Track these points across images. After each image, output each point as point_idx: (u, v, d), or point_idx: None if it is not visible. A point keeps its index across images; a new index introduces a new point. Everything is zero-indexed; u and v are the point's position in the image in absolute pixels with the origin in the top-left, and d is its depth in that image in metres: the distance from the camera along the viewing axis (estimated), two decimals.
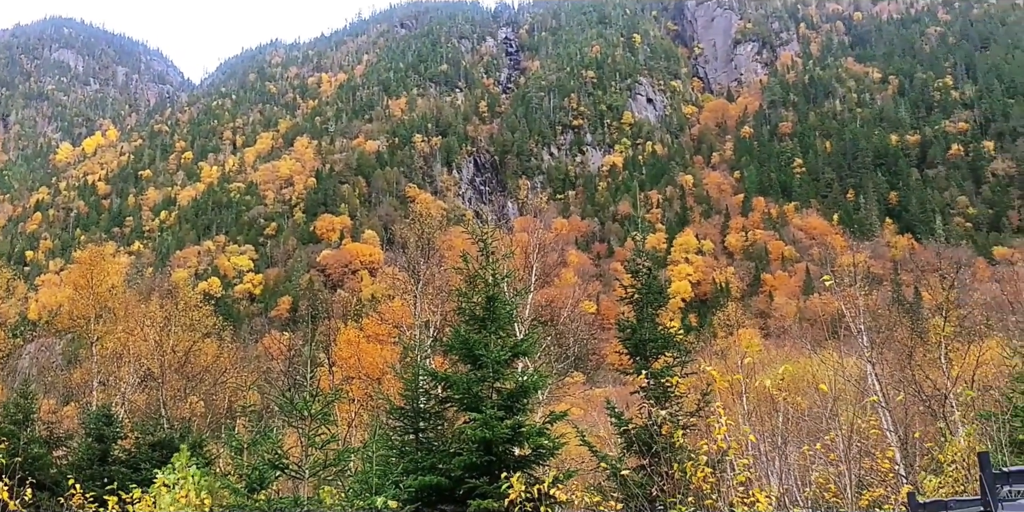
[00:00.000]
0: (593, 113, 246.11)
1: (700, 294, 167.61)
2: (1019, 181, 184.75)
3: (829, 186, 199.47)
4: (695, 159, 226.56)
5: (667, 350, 14.78)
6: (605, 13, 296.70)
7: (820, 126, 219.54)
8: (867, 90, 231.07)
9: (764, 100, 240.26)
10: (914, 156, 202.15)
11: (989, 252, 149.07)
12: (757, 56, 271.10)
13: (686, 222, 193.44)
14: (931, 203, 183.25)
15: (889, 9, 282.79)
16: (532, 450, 13.91)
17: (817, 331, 39.61)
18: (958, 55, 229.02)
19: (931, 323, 28.53)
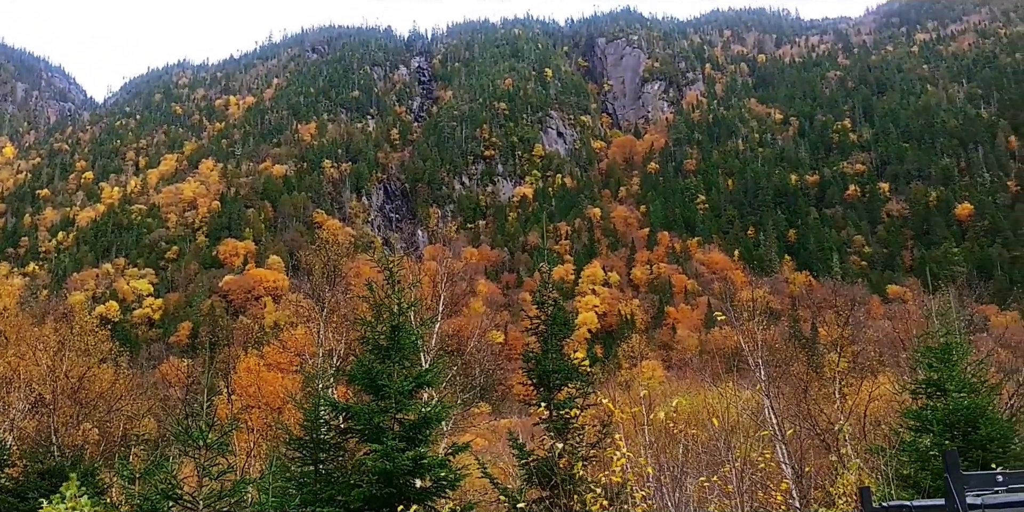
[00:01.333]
0: (505, 144, 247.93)
1: (606, 325, 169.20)
2: (912, 222, 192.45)
3: (731, 222, 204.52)
4: (603, 193, 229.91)
5: (571, 381, 14.80)
6: (518, 47, 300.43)
7: (723, 164, 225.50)
8: (769, 130, 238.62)
9: (670, 137, 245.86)
10: (813, 196, 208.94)
11: (883, 290, 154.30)
12: (664, 94, 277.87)
13: (594, 254, 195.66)
14: (828, 241, 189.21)
15: (791, 53, 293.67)
16: (433, 482, 13.70)
17: (717, 364, 40.25)
18: (856, 99, 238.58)
19: (826, 358, 29.22)
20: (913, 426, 15.97)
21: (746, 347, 26.80)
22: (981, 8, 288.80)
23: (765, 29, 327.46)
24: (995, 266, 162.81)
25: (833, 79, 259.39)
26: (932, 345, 16.86)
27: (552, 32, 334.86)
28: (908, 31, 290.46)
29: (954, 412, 14.84)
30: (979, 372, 17.15)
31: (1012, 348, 49.40)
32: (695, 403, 34.98)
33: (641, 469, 14.34)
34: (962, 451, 14.61)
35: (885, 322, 54.88)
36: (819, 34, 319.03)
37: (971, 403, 14.86)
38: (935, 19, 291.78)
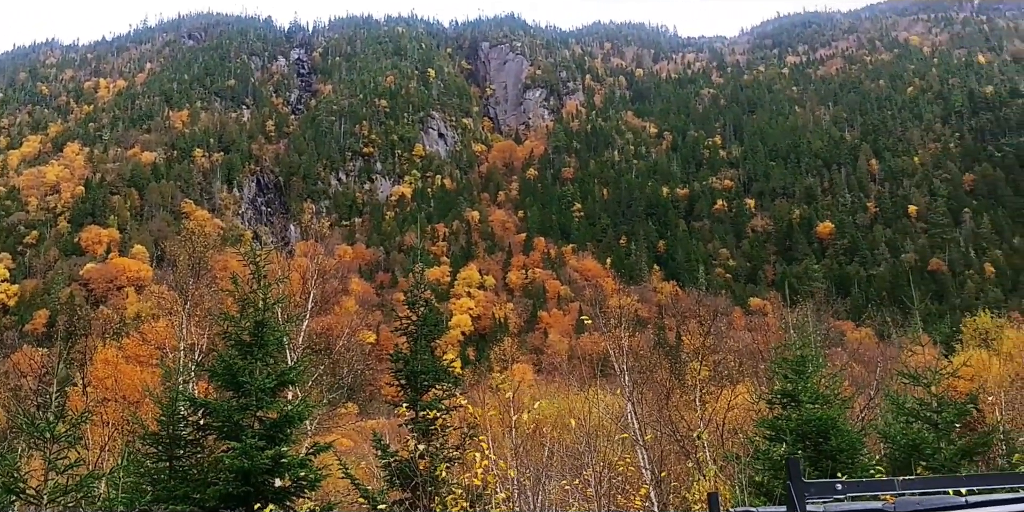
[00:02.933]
0: (384, 142, 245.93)
1: (480, 328, 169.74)
2: (776, 238, 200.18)
3: (604, 231, 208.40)
4: (482, 196, 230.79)
5: (439, 383, 14.71)
6: (401, 45, 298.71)
7: (599, 174, 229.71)
8: (644, 143, 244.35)
9: (549, 145, 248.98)
10: (683, 208, 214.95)
11: (746, 302, 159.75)
12: (545, 102, 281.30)
13: (471, 257, 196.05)
14: (696, 253, 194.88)
15: (668, 68, 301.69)
16: (293, 482, 13.41)
17: (585, 369, 40.81)
18: (728, 117, 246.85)
19: (689, 366, 29.93)
20: (767, 435, 16.53)
21: (612, 353, 27.24)
22: (849, 35, 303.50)
23: (644, 44, 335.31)
24: (852, 284, 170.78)
25: (707, 96, 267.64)
26: (788, 357, 17.49)
27: (436, 33, 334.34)
28: (780, 53, 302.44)
29: (807, 423, 15.44)
30: (832, 385, 17.91)
31: (865, 363, 51.72)
32: (561, 407, 35.34)
33: (503, 471, 14.37)
34: (813, 461, 15.20)
35: (746, 333, 56.69)
36: (695, 52, 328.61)
37: (823, 414, 15.48)
38: (806, 43, 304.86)
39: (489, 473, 11.73)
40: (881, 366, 38.61)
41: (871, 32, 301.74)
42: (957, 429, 17.24)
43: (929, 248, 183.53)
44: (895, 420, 17.68)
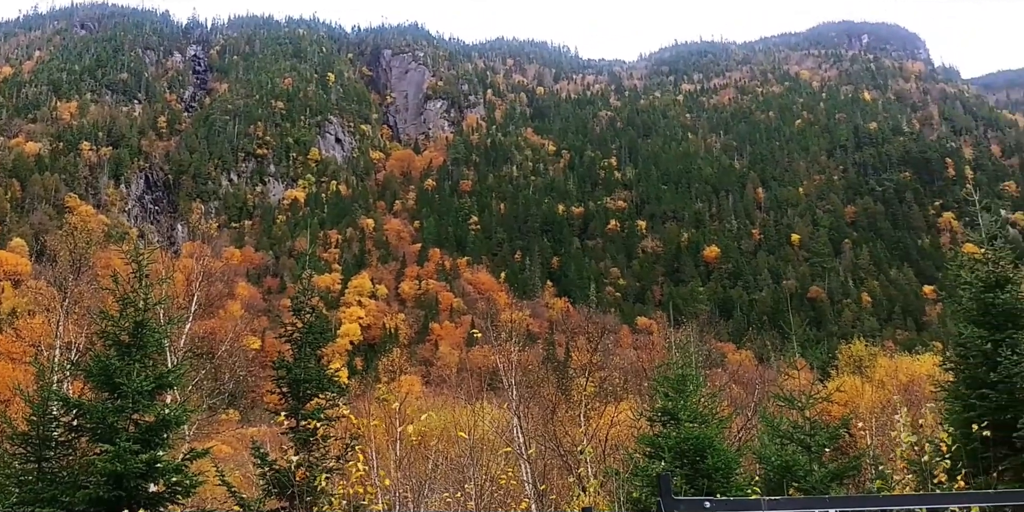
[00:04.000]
0: (279, 144, 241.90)
1: (369, 338, 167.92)
2: (664, 259, 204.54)
3: (500, 245, 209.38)
4: (378, 204, 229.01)
5: (323, 391, 14.51)
6: (301, 47, 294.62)
7: (497, 188, 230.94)
8: (542, 160, 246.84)
9: (448, 156, 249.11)
10: (577, 226, 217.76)
11: (633, 321, 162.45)
12: (446, 114, 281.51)
13: (363, 265, 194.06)
14: (588, 271, 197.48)
15: (568, 88, 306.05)
16: (167, 487, 13.04)
17: (474, 382, 40.86)
18: (624, 139, 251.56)
19: (575, 382, 30.30)
20: (647, 452, 16.85)
21: (501, 367, 27.37)
22: (742, 66, 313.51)
23: (545, 63, 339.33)
24: (735, 307, 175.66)
25: (604, 118, 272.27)
26: (670, 375, 17.88)
27: (338, 37, 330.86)
28: (676, 80, 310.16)
29: (685, 441, 15.80)
30: (711, 404, 18.39)
31: (744, 385, 53.23)
32: (448, 419, 35.27)
33: (382, 482, 14.29)
34: (690, 479, 15.55)
35: (632, 351, 57.73)
36: (595, 73, 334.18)
37: (700, 433, 15.87)
38: (701, 72, 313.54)
39: (368, 484, 11.66)
40: (759, 388, 39.80)
41: (763, 64, 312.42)
42: (828, 452, 17.87)
43: (809, 276, 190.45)
44: (770, 441, 18.23)
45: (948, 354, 18.91)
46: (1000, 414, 16.13)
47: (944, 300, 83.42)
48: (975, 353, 16.88)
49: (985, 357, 16.58)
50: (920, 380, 40.97)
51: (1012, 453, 15.83)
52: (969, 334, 16.99)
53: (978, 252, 18.10)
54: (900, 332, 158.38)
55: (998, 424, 16.09)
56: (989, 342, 16.60)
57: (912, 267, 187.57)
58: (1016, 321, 16.72)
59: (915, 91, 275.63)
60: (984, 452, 16.01)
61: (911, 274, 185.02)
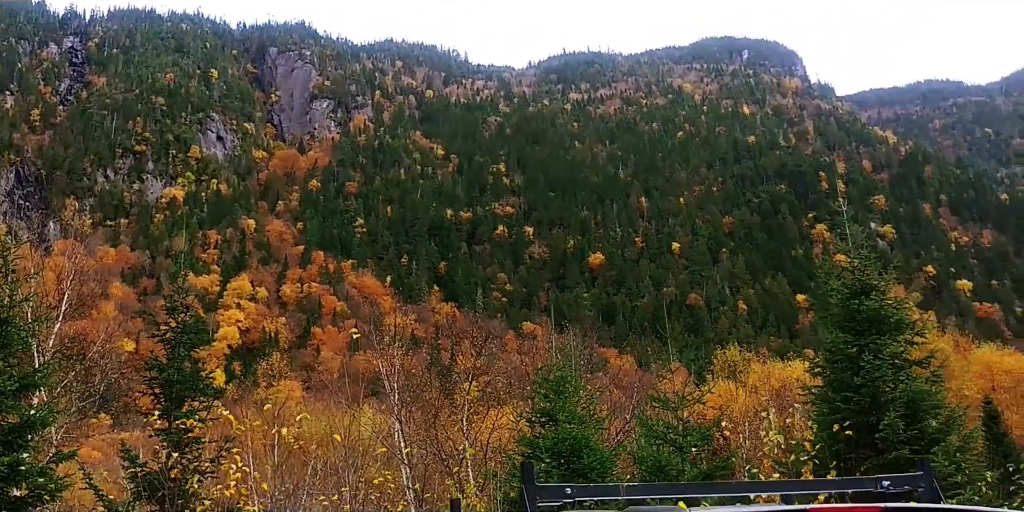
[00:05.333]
0: (159, 141, 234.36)
1: (249, 341, 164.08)
2: (551, 266, 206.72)
3: (386, 249, 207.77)
4: (260, 205, 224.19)
5: (196, 393, 14.18)
6: (184, 43, 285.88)
7: (384, 191, 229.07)
8: (431, 164, 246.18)
9: (334, 157, 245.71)
10: (465, 231, 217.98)
11: (519, 326, 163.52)
12: (332, 114, 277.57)
13: (243, 267, 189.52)
14: (475, 276, 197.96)
15: (458, 93, 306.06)
16: (31, 491, 12.50)
17: (357, 387, 40.44)
18: (512, 146, 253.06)
19: (460, 387, 30.37)
20: (525, 453, 17.07)
21: (384, 371, 27.22)
22: (628, 78, 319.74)
23: (435, 66, 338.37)
24: (618, 313, 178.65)
25: (494, 124, 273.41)
26: (550, 377, 18.17)
27: (222, 33, 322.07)
28: (564, 89, 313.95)
29: (562, 441, 16.10)
30: (589, 406, 18.77)
31: (624, 389, 54.25)
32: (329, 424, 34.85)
33: (257, 485, 14.07)
34: (566, 478, 15.82)
35: (517, 356, 58.17)
36: (484, 79, 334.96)
37: (577, 433, 16.19)
38: (588, 81, 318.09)
39: (243, 486, 11.46)
40: (638, 392, 40.63)
41: (648, 76, 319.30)
42: (703, 454, 18.43)
43: (689, 284, 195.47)
44: (646, 443, 18.70)
45: (817, 359, 19.72)
46: (863, 416, 16.86)
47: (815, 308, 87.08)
48: (841, 358, 17.61)
49: (850, 361, 17.31)
50: (791, 385, 42.56)
51: (874, 454, 16.54)
52: (835, 339, 17.74)
53: (846, 261, 18.96)
54: (774, 339, 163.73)
55: (861, 426, 16.84)
56: (854, 347, 17.35)
57: (786, 276, 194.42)
58: (879, 327, 17.52)
59: (792, 106, 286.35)
60: (848, 453, 16.76)
61: (785, 283, 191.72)
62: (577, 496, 5.09)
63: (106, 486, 15.81)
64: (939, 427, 16.92)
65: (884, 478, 5.18)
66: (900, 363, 17.32)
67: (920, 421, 16.61)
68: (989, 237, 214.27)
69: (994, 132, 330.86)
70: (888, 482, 5.14)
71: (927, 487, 5.05)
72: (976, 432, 22.47)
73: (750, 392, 62.05)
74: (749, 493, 6.66)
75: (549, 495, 5.00)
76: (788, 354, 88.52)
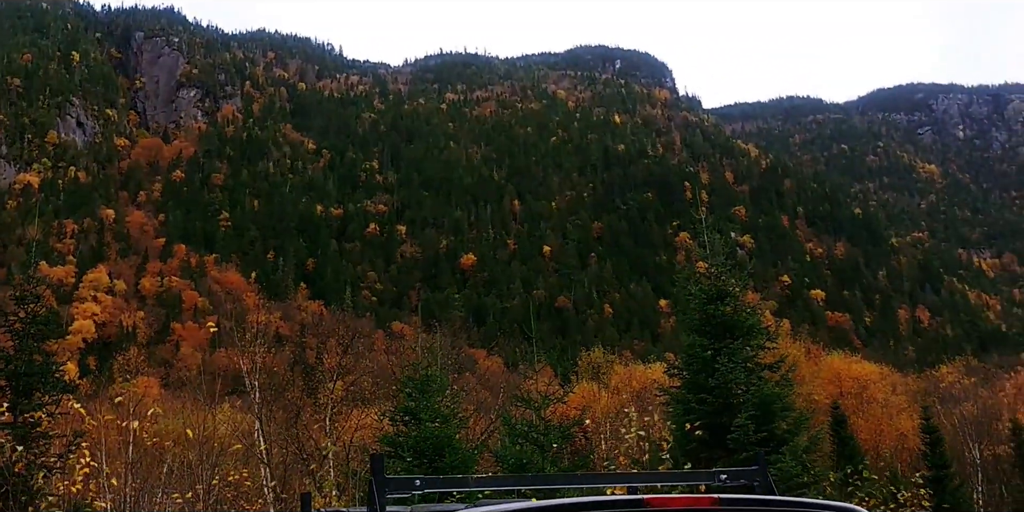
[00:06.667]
0: (14, 124, 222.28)
1: (105, 336, 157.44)
2: (423, 265, 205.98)
3: (252, 244, 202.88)
4: (121, 194, 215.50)
5: (46, 387, 13.61)
6: (43, 22, 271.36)
7: (252, 184, 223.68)
8: (301, 159, 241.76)
9: (200, 148, 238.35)
10: (335, 228, 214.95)
11: (389, 326, 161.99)
12: (200, 103, 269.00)
13: (101, 258, 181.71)
14: (345, 274, 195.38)
15: (332, 87, 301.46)
16: None
17: (218, 385, 39.38)
18: (387, 143, 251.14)
19: (324, 386, 30.03)
20: (387, 451, 17.06)
21: (245, 369, 26.71)
22: (504, 81, 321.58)
23: (308, 59, 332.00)
24: (489, 314, 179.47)
25: (368, 120, 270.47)
26: (415, 376, 18.19)
27: (85, 14, 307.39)
28: (440, 89, 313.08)
29: (425, 440, 16.17)
30: (453, 405, 18.87)
31: (491, 389, 54.75)
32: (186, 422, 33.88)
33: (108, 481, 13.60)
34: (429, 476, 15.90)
35: (384, 356, 57.85)
36: (359, 74, 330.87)
37: (440, 432, 16.29)
38: (465, 83, 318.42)
39: (93, 482, 11.07)
40: (504, 392, 41.05)
41: (524, 81, 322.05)
42: (565, 454, 18.81)
43: (558, 287, 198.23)
44: (509, 442, 18.94)
45: (675, 362, 20.41)
46: (717, 417, 17.54)
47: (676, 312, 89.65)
48: (697, 360, 18.28)
49: (705, 364, 17.99)
50: (651, 387, 43.80)
51: (726, 454, 17.21)
52: (692, 342, 18.41)
53: (704, 268, 19.69)
54: (637, 342, 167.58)
55: (715, 426, 17.51)
56: (709, 350, 18.05)
57: (650, 282, 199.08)
58: (733, 331, 18.27)
59: (661, 117, 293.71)
60: (701, 452, 17.40)
61: (649, 288, 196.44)
62: (426, 487, 5.10)
63: None
64: (788, 429, 17.76)
65: (721, 472, 5.45)
66: (752, 366, 18.10)
67: (770, 422, 17.39)
68: (842, 249, 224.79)
69: (850, 148, 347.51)
70: (725, 476, 5.41)
71: (762, 481, 5.33)
72: (823, 434, 23.67)
73: (612, 393, 63.56)
74: (598, 484, 6.87)
75: (398, 487, 5.04)
76: (650, 357, 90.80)
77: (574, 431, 20.10)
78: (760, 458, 5.48)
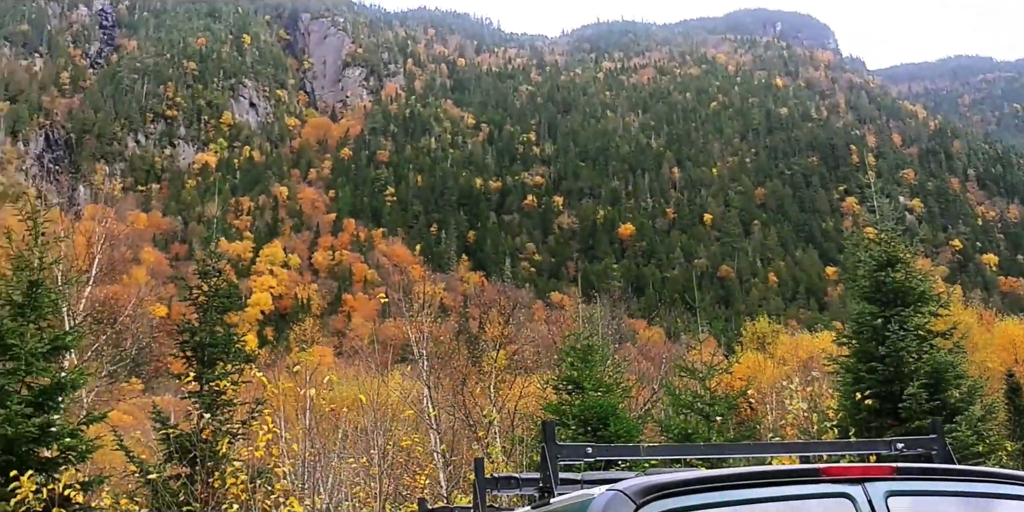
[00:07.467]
0: (191, 106, 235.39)
1: (281, 308, 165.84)
2: (580, 236, 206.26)
3: (416, 218, 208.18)
4: (292, 172, 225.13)
5: (229, 356, 14.34)
6: (216, 7, 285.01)
7: (415, 160, 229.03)
8: (461, 133, 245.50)
9: (366, 126, 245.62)
10: (494, 201, 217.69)
11: (547, 296, 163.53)
12: (364, 82, 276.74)
13: (276, 234, 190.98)
14: (503, 246, 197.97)
15: (490, 61, 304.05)
16: (61, 452, 12.70)
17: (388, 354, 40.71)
18: (543, 114, 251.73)
19: (487, 355, 30.53)
20: (552, 419, 17.18)
21: (413, 338, 27.39)
22: (662, 47, 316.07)
23: (467, 35, 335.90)
24: (648, 284, 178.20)
25: (524, 93, 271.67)
26: (576, 346, 18.19)
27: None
28: (596, 58, 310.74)
29: (589, 408, 16.17)
30: (616, 374, 18.78)
31: (653, 360, 54.29)
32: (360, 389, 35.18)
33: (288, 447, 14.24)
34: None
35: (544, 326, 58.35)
36: (517, 48, 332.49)
37: (604, 401, 16.24)
38: (622, 50, 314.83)
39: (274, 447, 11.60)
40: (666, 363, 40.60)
41: (682, 46, 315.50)
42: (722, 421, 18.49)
43: (720, 255, 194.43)
44: (674, 412, 18.75)
45: (844, 330, 19.73)
46: (887, 386, 16.95)
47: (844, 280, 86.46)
48: (867, 329, 17.65)
49: (875, 332, 17.36)
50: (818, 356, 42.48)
51: (897, 423, 16.64)
52: (862, 310, 17.73)
53: (874, 234, 18.89)
54: (803, 311, 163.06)
55: (885, 396, 16.94)
56: (879, 318, 17.37)
57: (816, 249, 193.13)
58: (904, 298, 17.51)
59: (824, 79, 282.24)
60: (871, 422, 16.82)
61: (815, 256, 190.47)
62: (598, 455, 5.09)
63: (137, 448, 16.07)
64: (961, 397, 17.01)
65: (897, 440, 5.20)
66: (924, 334, 17.42)
67: (942, 391, 16.72)
68: (1015, 212, 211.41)
69: (1022, 107, 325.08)
70: (902, 444, 5.16)
71: (940, 450, 5.07)
72: (997, 403, 22.36)
73: (778, 363, 61.91)
74: (767, 454, 6.67)
75: (569, 454, 5.04)
76: (816, 326, 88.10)
77: (739, 402, 19.68)
78: (937, 427, 5.20)
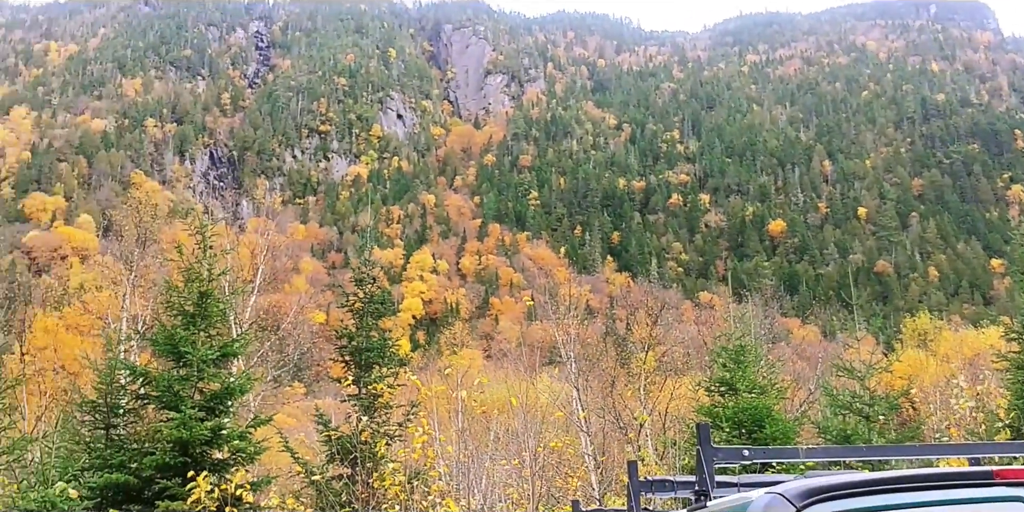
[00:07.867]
0: (342, 121, 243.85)
1: (431, 312, 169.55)
2: (728, 234, 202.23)
3: (560, 220, 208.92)
4: (439, 180, 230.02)
5: (383, 359, 14.76)
6: (363, 23, 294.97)
7: (557, 163, 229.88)
8: (602, 134, 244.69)
9: (508, 131, 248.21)
10: (638, 201, 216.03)
11: (696, 296, 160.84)
12: (506, 88, 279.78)
13: (424, 240, 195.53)
14: (649, 246, 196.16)
15: (630, 61, 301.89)
16: (231, 454, 13.40)
17: (535, 356, 41.00)
18: (686, 112, 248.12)
19: (636, 356, 30.29)
20: (705, 422, 16.84)
21: (560, 340, 27.44)
22: (809, 37, 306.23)
23: (607, 35, 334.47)
24: (801, 282, 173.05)
25: (667, 90, 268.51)
26: (728, 346, 17.80)
27: (399, 13, 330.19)
28: (740, 51, 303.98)
29: (743, 411, 15.77)
30: (770, 375, 18.27)
31: (808, 360, 52.64)
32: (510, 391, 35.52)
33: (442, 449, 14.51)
34: None
35: (694, 326, 57.42)
36: (657, 45, 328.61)
37: (759, 403, 15.82)
38: (766, 42, 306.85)
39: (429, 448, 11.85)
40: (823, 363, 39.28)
41: (830, 35, 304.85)
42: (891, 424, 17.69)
43: (876, 250, 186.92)
44: (832, 413, 18.10)
45: (1013, 325, 18.56)
46: None
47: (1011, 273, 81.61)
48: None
49: None
50: (985, 353, 40.14)
51: None
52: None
53: None
54: (967, 306, 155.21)
55: None
56: None
57: (980, 241, 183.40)
58: None
59: (984, 61, 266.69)
60: None
61: (979, 248, 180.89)
62: (755, 458, 4.92)
63: (301, 450, 16.76)
64: None
65: None
66: None
67: None
68: None
69: None
70: None
71: None
72: None
73: (941, 361, 58.89)
74: (933, 455, 6.31)
75: (726, 457, 4.91)
76: (982, 321, 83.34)
77: (901, 401, 18.80)
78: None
